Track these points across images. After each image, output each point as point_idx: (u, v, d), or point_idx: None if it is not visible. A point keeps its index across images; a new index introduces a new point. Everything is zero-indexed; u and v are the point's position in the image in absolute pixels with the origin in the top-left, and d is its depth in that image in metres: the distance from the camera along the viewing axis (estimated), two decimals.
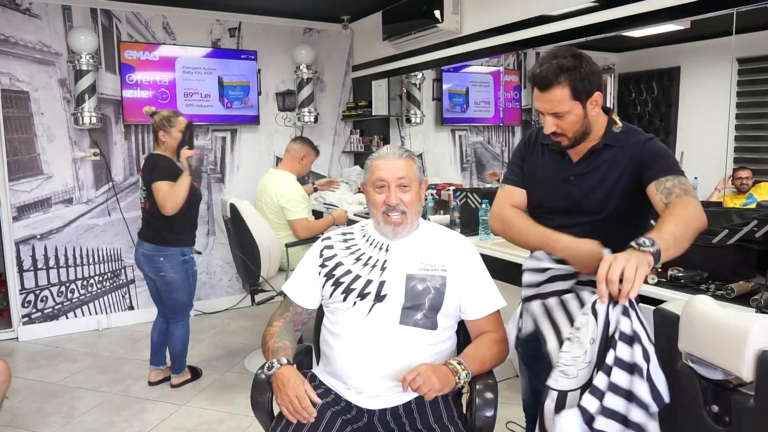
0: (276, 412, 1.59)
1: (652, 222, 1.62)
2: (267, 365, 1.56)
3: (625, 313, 1.24)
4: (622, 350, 1.23)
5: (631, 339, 1.23)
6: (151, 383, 3.33)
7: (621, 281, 1.22)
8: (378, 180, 1.66)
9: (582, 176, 1.66)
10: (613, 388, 1.22)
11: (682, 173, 1.54)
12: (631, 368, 1.22)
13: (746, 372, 1.16)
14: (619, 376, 1.22)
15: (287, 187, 3.54)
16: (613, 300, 1.24)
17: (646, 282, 2.11)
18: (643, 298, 2.06)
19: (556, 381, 1.32)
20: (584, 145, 1.66)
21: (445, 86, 4.33)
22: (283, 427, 1.50)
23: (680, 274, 2.09)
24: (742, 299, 1.87)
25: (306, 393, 1.48)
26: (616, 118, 1.67)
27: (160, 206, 2.96)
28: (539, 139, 1.77)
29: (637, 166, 1.58)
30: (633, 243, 1.28)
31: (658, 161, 1.56)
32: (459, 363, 1.54)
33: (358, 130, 5.05)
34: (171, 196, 2.95)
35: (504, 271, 2.78)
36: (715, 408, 1.26)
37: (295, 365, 1.57)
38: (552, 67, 1.55)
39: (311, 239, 3.36)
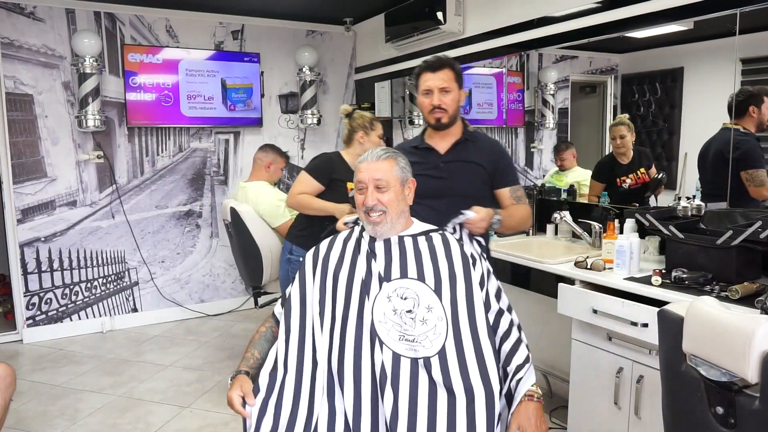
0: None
1: None
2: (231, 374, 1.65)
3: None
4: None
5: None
6: None
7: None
8: (358, 182, 1.72)
9: (450, 163, 2.14)
10: None
11: (519, 182, 2.28)
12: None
13: (751, 373, 1.16)
14: None
15: (260, 197, 3.45)
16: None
17: (650, 284, 2.11)
18: (647, 300, 2.06)
19: None
20: (448, 140, 2.17)
21: None
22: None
23: (684, 276, 2.08)
24: (747, 300, 1.87)
25: (237, 397, 1.53)
26: (467, 123, 2.24)
27: (289, 193, 2.79)
28: (407, 147, 2.22)
29: (493, 164, 2.16)
30: (494, 220, 1.92)
31: (510, 171, 2.24)
32: (532, 386, 1.55)
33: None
34: (303, 200, 2.72)
35: (506, 272, 2.78)
36: (720, 410, 1.25)
37: (249, 373, 1.62)
38: (442, 56, 2.14)
39: None
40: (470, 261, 1.66)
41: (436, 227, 1.77)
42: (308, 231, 2.76)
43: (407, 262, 1.63)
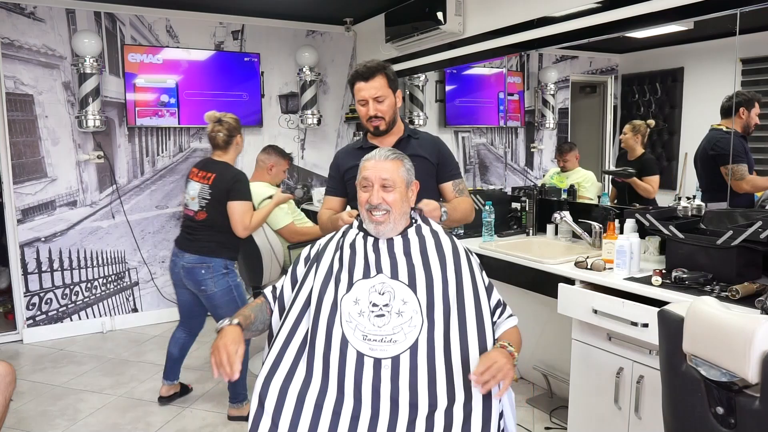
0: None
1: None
2: (222, 321, 1.62)
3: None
4: None
5: None
6: (162, 398, 3.14)
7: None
8: (363, 179, 1.72)
9: None
10: None
11: (462, 176, 2.33)
12: None
13: (751, 374, 1.16)
14: None
15: (262, 198, 3.40)
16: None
17: (650, 284, 2.11)
18: (648, 300, 2.06)
19: None
20: (391, 138, 2.20)
21: (448, 88, 4.33)
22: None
23: (685, 276, 2.08)
24: (747, 301, 1.87)
25: (235, 354, 1.49)
26: (407, 121, 2.17)
27: (241, 228, 2.84)
28: (351, 150, 2.28)
29: (436, 157, 2.24)
30: (443, 208, 2.02)
31: (452, 165, 2.29)
32: (510, 344, 1.54)
33: (361, 132, 5.05)
34: (261, 216, 2.94)
35: (506, 273, 2.78)
36: (721, 410, 1.25)
37: (243, 330, 1.59)
38: (373, 63, 2.14)
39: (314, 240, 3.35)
40: (460, 251, 1.68)
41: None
42: (231, 239, 2.93)
43: (390, 259, 1.65)
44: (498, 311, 1.68)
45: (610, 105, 3.24)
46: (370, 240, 1.69)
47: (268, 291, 1.77)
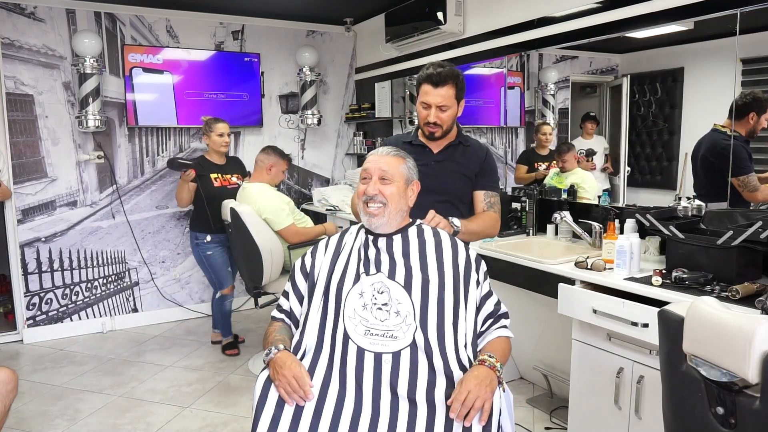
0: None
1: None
2: (266, 351, 1.59)
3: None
4: None
5: None
6: (213, 342, 4.08)
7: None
8: (363, 171, 1.73)
9: (441, 162, 2.17)
10: None
11: (499, 190, 2.28)
12: None
13: (752, 374, 1.16)
14: None
15: (263, 199, 3.45)
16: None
17: (650, 284, 2.11)
18: (647, 300, 2.06)
19: None
20: (442, 141, 2.19)
21: None
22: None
23: (685, 276, 2.08)
24: (747, 301, 1.87)
25: (303, 374, 1.50)
26: (460, 126, 2.26)
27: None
28: (399, 142, 2.22)
29: (478, 167, 2.21)
30: (450, 219, 1.94)
31: (491, 176, 2.26)
32: (491, 356, 1.54)
33: (361, 132, 5.05)
34: (177, 196, 3.86)
35: (506, 273, 2.78)
36: (721, 410, 1.25)
37: (292, 353, 1.59)
38: (447, 70, 2.07)
39: (314, 240, 3.36)
40: (460, 253, 1.68)
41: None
42: (198, 215, 3.83)
43: (389, 259, 1.65)
44: (489, 321, 1.67)
45: (625, 104, 3.18)
46: (371, 238, 1.70)
47: (277, 314, 1.76)
